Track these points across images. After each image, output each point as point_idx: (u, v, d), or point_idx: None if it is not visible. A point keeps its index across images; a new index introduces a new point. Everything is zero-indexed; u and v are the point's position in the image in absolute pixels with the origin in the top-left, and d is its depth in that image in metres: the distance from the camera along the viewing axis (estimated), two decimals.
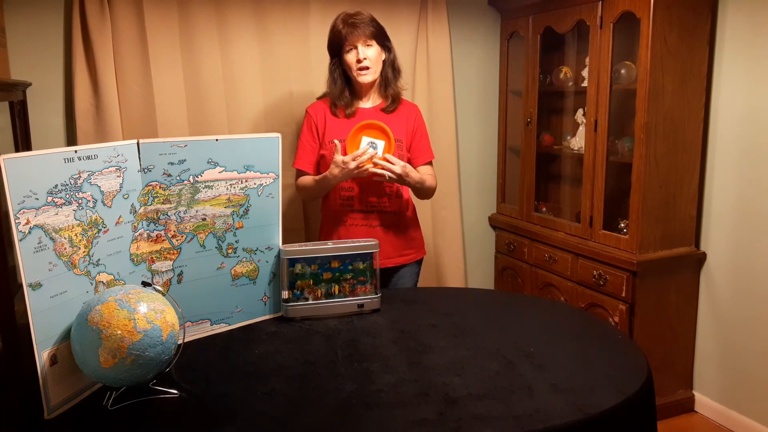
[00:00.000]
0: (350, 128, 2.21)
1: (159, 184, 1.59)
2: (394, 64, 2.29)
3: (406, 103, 2.35)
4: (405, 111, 2.31)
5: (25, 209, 1.26)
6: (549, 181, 3.46)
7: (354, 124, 2.21)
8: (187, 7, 2.67)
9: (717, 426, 2.79)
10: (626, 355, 1.59)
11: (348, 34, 2.17)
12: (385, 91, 2.28)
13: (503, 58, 3.39)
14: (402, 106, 2.31)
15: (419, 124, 2.33)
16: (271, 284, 1.84)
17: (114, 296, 1.32)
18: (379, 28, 2.22)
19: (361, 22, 2.17)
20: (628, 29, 2.67)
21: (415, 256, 2.39)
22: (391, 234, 2.29)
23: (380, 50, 2.23)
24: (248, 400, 1.36)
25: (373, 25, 2.19)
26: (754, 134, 2.55)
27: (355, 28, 2.16)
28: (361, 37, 2.17)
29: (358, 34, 2.16)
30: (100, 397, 1.37)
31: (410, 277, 2.39)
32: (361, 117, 2.25)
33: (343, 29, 2.17)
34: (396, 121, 2.26)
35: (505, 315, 1.89)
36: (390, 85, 2.28)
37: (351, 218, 2.26)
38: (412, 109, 2.35)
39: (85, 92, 2.56)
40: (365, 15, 2.20)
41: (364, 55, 2.17)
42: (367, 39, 2.18)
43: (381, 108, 2.28)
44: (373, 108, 2.29)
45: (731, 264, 2.68)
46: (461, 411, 1.29)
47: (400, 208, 2.32)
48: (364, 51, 2.18)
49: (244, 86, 2.81)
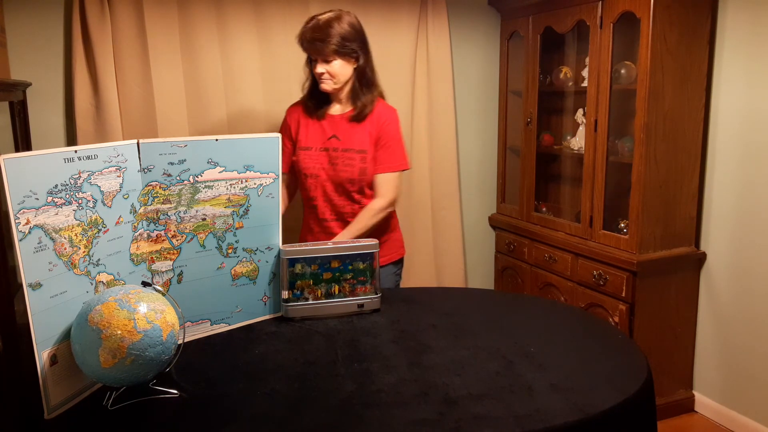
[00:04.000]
0: (319, 135, 2.19)
1: (159, 184, 1.59)
2: (365, 72, 2.16)
3: (379, 110, 2.20)
4: (372, 120, 2.18)
5: (25, 209, 1.26)
6: (549, 181, 3.46)
7: (322, 131, 2.19)
8: (187, 7, 2.67)
9: (717, 426, 2.79)
10: (626, 355, 1.59)
11: (308, 51, 2.13)
12: (353, 101, 2.18)
13: (503, 58, 3.39)
14: (372, 115, 2.18)
15: (384, 132, 2.18)
16: (271, 284, 1.84)
17: (114, 296, 1.32)
18: (344, 42, 2.07)
19: (323, 41, 2.05)
20: (628, 29, 2.67)
21: (390, 258, 2.33)
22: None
23: (345, 62, 2.11)
24: (248, 400, 1.36)
25: (335, 42, 2.06)
26: (754, 134, 2.55)
27: (313, 47, 2.08)
28: (320, 56, 2.09)
29: (316, 53, 2.10)
30: (100, 397, 1.37)
31: (388, 277, 2.32)
32: (329, 124, 2.20)
33: (302, 44, 2.12)
34: (360, 131, 2.17)
35: (505, 315, 1.89)
36: (357, 97, 2.16)
37: (317, 225, 2.25)
38: (381, 116, 2.19)
39: (85, 92, 2.57)
40: (332, 28, 2.06)
41: (323, 70, 2.10)
42: (327, 56, 2.08)
43: (349, 116, 2.19)
44: (342, 115, 2.20)
45: (731, 264, 2.68)
46: (461, 411, 1.29)
47: None
48: (323, 66, 2.10)
49: (244, 86, 2.81)
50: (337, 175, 2.18)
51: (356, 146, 2.16)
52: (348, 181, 2.17)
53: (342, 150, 2.17)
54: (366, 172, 2.17)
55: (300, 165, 2.21)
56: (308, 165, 2.19)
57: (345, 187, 2.19)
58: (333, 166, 2.18)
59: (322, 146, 2.19)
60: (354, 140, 2.16)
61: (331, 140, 2.19)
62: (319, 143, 2.20)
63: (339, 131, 2.19)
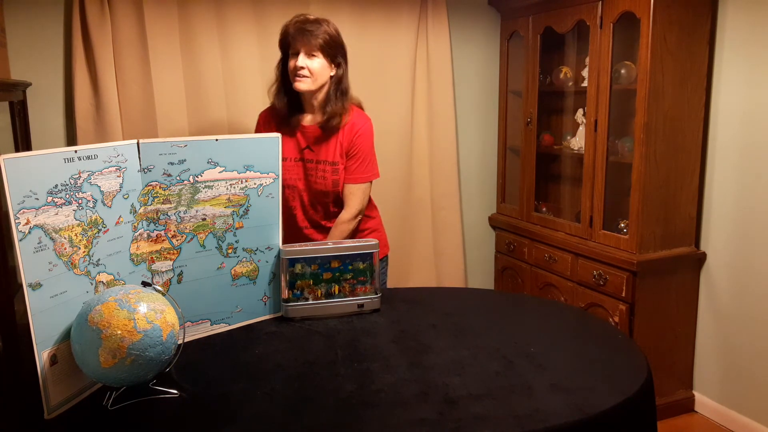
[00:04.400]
0: (293, 146, 2.13)
1: (159, 184, 1.59)
2: (341, 82, 2.11)
3: (353, 120, 2.14)
4: (345, 131, 2.13)
5: (25, 209, 1.26)
6: (549, 181, 3.46)
7: (296, 143, 2.13)
8: (187, 7, 2.67)
9: (717, 426, 2.79)
10: (626, 355, 1.59)
11: (294, 38, 2.04)
12: (324, 109, 2.11)
13: (503, 58, 3.39)
14: (345, 126, 2.13)
15: (355, 143, 2.13)
16: (271, 284, 1.84)
17: (114, 296, 1.32)
18: (331, 42, 2.06)
19: (312, 32, 2.02)
20: (628, 29, 2.67)
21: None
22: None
23: (326, 64, 2.07)
24: (248, 400, 1.36)
25: (323, 38, 2.03)
26: (753, 134, 2.55)
27: (303, 35, 2.02)
28: (306, 46, 2.03)
29: (303, 42, 2.02)
30: (100, 397, 1.37)
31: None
32: (303, 135, 2.15)
33: (291, 32, 2.06)
34: (333, 142, 2.13)
35: (505, 315, 1.89)
36: (329, 103, 2.10)
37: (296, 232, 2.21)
38: (354, 127, 2.13)
39: (85, 92, 2.57)
40: (321, 25, 2.05)
41: (303, 64, 2.03)
42: (312, 49, 2.03)
43: (319, 125, 2.14)
44: (313, 125, 2.14)
45: (731, 264, 2.68)
46: (461, 411, 1.29)
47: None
48: (305, 60, 2.03)
49: (244, 86, 2.82)
50: (311, 187, 2.16)
51: (329, 158, 2.13)
52: (322, 193, 2.16)
53: (315, 162, 2.15)
54: (338, 184, 2.14)
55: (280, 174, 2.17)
56: (285, 176, 2.13)
57: (320, 199, 2.17)
58: (308, 177, 2.16)
59: (297, 157, 2.16)
60: (326, 152, 2.13)
61: (305, 151, 2.16)
62: (294, 153, 2.16)
63: (312, 142, 2.15)
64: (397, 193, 3.20)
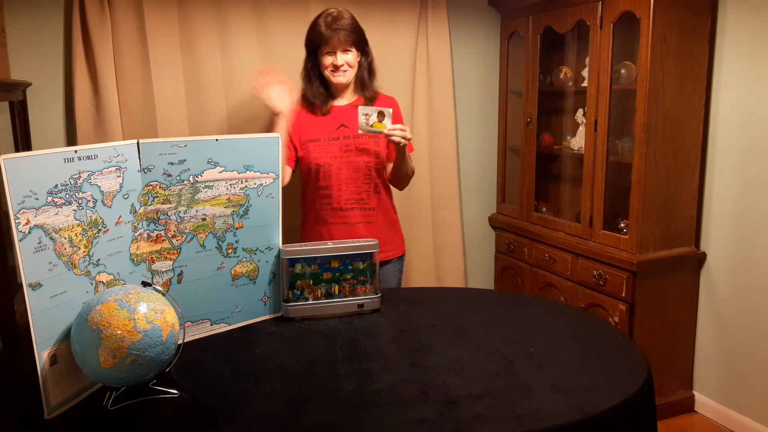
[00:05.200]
0: (326, 126, 2.23)
1: (159, 184, 1.59)
2: (371, 66, 2.30)
3: (383, 97, 2.35)
4: (382, 104, 2.27)
5: (25, 209, 1.26)
6: (549, 181, 3.46)
7: (330, 123, 2.23)
8: (187, 7, 2.67)
9: (717, 426, 2.79)
10: (626, 355, 1.59)
11: (329, 38, 2.15)
12: (361, 92, 2.29)
13: (503, 58, 3.39)
14: (379, 101, 2.30)
15: (397, 114, 2.30)
16: (271, 284, 1.84)
17: (114, 296, 1.32)
18: (360, 34, 2.22)
19: (343, 28, 2.15)
20: (628, 29, 2.67)
21: (396, 253, 2.38)
22: (372, 231, 2.27)
23: (357, 54, 2.23)
24: (248, 400, 1.36)
25: (355, 33, 2.18)
26: (753, 134, 2.55)
27: (337, 34, 2.15)
28: (342, 44, 2.16)
29: (338, 41, 2.15)
30: (100, 397, 1.37)
31: (394, 274, 2.38)
32: (336, 114, 2.26)
33: (324, 32, 2.16)
34: None
35: (505, 315, 1.89)
36: (366, 87, 2.28)
37: (331, 216, 2.26)
38: (390, 101, 2.34)
39: (85, 92, 2.56)
40: (347, 20, 2.18)
41: (342, 61, 2.18)
42: (347, 46, 2.18)
43: (358, 104, 2.25)
44: (349, 105, 2.29)
45: (731, 264, 2.68)
46: (461, 411, 1.29)
47: (379, 203, 2.31)
48: (342, 57, 2.18)
49: (244, 86, 2.81)
50: (351, 162, 2.22)
51: None
52: (364, 165, 2.23)
53: (354, 137, 2.23)
54: (380, 155, 2.24)
55: (309, 157, 2.24)
56: (318, 155, 2.23)
57: (362, 172, 2.24)
58: (346, 153, 2.23)
59: (331, 136, 2.24)
60: None
61: (340, 129, 2.24)
62: (327, 134, 2.24)
63: (347, 120, 2.24)
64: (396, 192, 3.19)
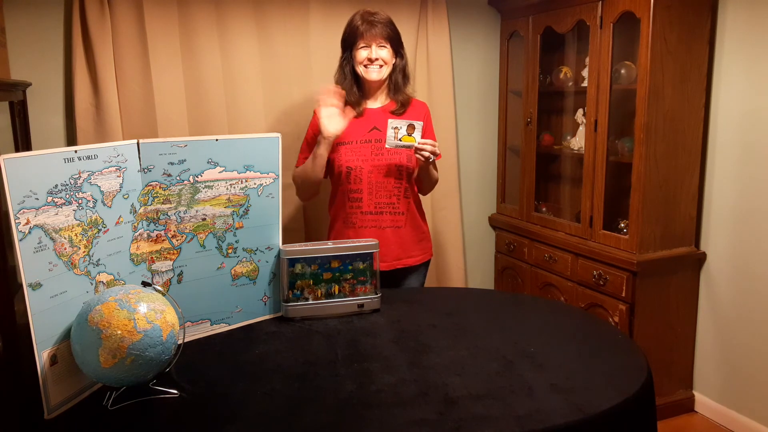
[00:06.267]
0: (359, 129, 2.22)
1: (159, 184, 1.59)
2: (405, 70, 2.30)
3: (416, 102, 2.35)
4: (415, 110, 2.31)
5: (25, 209, 1.26)
6: (549, 181, 3.46)
7: (362, 125, 2.21)
8: (187, 7, 2.67)
9: (717, 426, 2.79)
10: (626, 355, 1.59)
11: (365, 31, 2.17)
12: (394, 95, 2.29)
13: (503, 58, 3.39)
14: (411, 107, 2.31)
15: (428, 122, 2.33)
16: (271, 284, 1.84)
17: (114, 296, 1.32)
18: (396, 33, 2.23)
19: (379, 22, 2.18)
20: (628, 29, 2.67)
21: (424, 258, 2.37)
22: (400, 235, 2.27)
23: (392, 54, 2.23)
24: (248, 400, 1.36)
25: (390, 28, 2.21)
26: (753, 134, 2.55)
27: (373, 27, 2.17)
28: (377, 38, 2.18)
29: (374, 34, 2.17)
30: (100, 397, 1.37)
31: (417, 279, 2.38)
32: (369, 117, 2.25)
33: (360, 26, 2.18)
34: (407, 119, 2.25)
35: (505, 315, 1.89)
36: (400, 91, 2.28)
37: (360, 220, 2.24)
38: (422, 107, 2.35)
39: (85, 92, 2.56)
40: (384, 16, 2.21)
41: (377, 55, 2.18)
42: (382, 40, 2.19)
43: (390, 110, 2.28)
44: (382, 108, 2.29)
45: (731, 264, 2.68)
46: (461, 411, 1.29)
47: (408, 208, 2.29)
48: (377, 51, 2.19)
49: (244, 86, 2.81)
50: (383, 165, 2.22)
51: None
52: (396, 168, 2.22)
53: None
54: (411, 159, 2.23)
55: (340, 159, 2.22)
56: (350, 158, 2.22)
57: (393, 176, 2.23)
58: (378, 156, 2.22)
59: (363, 139, 2.23)
60: None
61: (372, 132, 2.24)
62: (359, 136, 2.23)
63: (380, 123, 2.23)
64: None
